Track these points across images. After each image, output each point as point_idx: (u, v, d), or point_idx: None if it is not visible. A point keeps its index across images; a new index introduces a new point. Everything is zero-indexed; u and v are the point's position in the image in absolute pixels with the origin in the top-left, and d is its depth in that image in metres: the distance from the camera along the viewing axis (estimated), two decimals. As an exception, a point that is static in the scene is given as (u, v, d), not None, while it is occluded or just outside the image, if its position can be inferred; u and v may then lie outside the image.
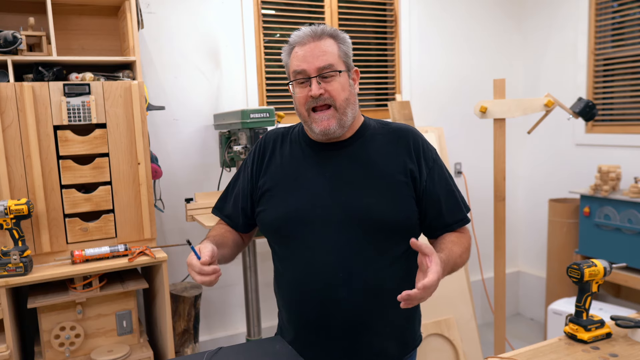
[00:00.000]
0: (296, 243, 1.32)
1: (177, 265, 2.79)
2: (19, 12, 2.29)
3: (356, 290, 1.28)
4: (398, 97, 3.29)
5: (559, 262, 3.34)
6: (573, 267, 1.41)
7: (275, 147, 1.42)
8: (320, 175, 1.33)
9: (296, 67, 1.29)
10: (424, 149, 1.37)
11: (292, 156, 1.38)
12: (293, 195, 1.33)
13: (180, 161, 2.80)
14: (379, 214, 1.29)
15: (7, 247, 1.97)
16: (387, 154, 1.34)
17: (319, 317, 1.31)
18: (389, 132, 1.39)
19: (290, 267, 1.35)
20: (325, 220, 1.29)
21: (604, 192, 2.98)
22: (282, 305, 1.42)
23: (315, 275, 1.29)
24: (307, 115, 1.30)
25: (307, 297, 1.31)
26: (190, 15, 2.77)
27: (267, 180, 1.38)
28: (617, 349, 1.33)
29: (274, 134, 1.45)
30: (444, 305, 2.79)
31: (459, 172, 3.64)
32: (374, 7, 3.32)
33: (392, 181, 1.31)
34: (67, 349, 2.13)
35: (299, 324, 1.36)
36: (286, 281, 1.37)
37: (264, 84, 2.99)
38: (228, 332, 3.00)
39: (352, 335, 1.30)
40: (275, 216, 1.34)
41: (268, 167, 1.39)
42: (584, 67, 3.39)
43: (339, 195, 1.30)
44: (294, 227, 1.31)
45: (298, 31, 1.32)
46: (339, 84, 1.29)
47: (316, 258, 1.29)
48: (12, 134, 2.01)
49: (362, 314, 1.30)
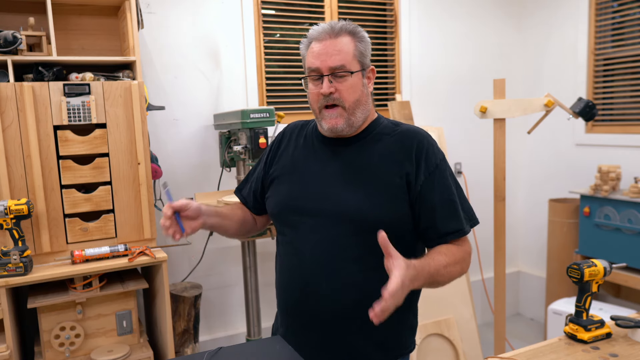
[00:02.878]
0: (290, 231, 1.37)
1: (177, 265, 2.79)
2: (19, 12, 2.29)
3: (336, 286, 1.29)
4: (398, 97, 3.29)
5: (559, 262, 3.34)
6: (573, 267, 1.41)
7: (292, 138, 1.47)
8: (322, 169, 1.36)
9: (310, 63, 1.30)
10: (427, 154, 1.32)
11: (303, 148, 1.42)
12: (293, 185, 1.38)
13: (180, 161, 2.80)
14: (369, 214, 1.27)
15: (7, 247, 1.97)
16: (388, 155, 1.32)
17: (299, 304, 1.35)
18: (397, 133, 1.35)
19: (284, 253, 1.41)
20: (316, 214, 1.32)
21: (604, 192, 2.98)
22: (277, 292, 1.47)
23: (302, 265, 1.33)
24: (319, 112, 1.33)
25: (291, 284, 1.37)
26: (190, 15, 2.77)
27: (278, 168, 1.44)
28: (617, 349, 1.33)
29: (295, 125, 1.50)
30: (444, 305, 2.79)
31: (459, 172, 3.64)
32: (374, 7, 3.32)
33: (386, 182, 1.29)
34: (67, 349, 2.13)
35: (283, 309, 1.42)
36: (279, 265, 1.44)
37: (264, 84, 2.99)
38: (228, 332, 3.00)
39: (327, 328, 1.32)
40: (276, 203, 1.40)
41: (281, 156, 1.45)
42: (584, 67, 3.39)
43: (332, 191, 1.32)
44: (290, 216, 1.36)
45: (317, 26, 1.32)
46: (350, 85, 1.28)
47: (305, 249, 1.33)
48: (12, 134, 2.01)
49: (339, 310, 1.30)
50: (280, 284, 1.43)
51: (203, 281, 2.84)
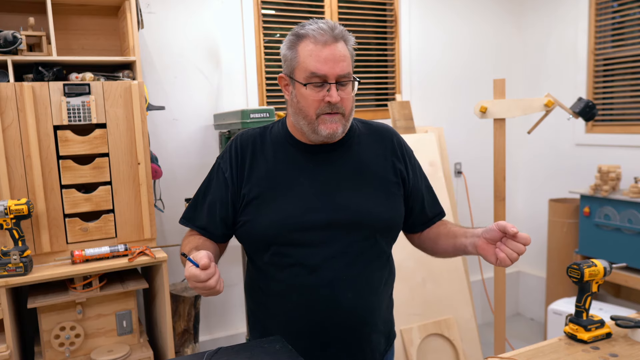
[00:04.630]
0: (296, 251, 1.26)
1: (177, 265, 2.79)
2: (19, 12, 2.29)
3: (359, 291, 1.29)
4: (398, 97, 3.29)
5: (559, 262, 3.34)
6: (573, 267, 1.41)
7: (255, 151, 1.32)
8: (313, 178, 1.29)
9: (315, 69, 1.21)
10: (405, 148, 1.41)
11: (279, 160, 1.31)
12: (287, 201, 1.27)
13: (180, 161, 2.80)
14: (379, 215, 1.29)
15: (7, 247, 1.97)
16: (375, 154, 1.35)
17: (323, 322, 1.28)
18: (372, 132, 1.39)
19: (287, 277, 1.28)
20: (326, 224, 1.26)
21: (604, 192, 2.98)
22: (276, 313, 1.33)
23: (320, 283, 1.26)
24: (315, 118, 1.24)
25: (311, 302, 1.27)
26: (190, 15, 2.77)
27: (253, 187, 1.29)
28: (617, 349, 1.33)
29: (249, 136, 1.35)
30: (444, 305, 2.79)
31: (459, 172, 3.64)
32: (374, 7, 3.32)
33: (385, 182, 1.33)
34: (67, 349, 2.13)
35: (300, 330, 1.30)
36: (284, 289, 1.29)
37: (264, 84, 2.99)
38: (228, 332, 3.00)
39: (354, 335, 1.31)
40: (268, 224, 1.26)
41: (251, 173, 1.30)
42: (584, 67, 3.39)
43: (337, 198, 1.28)
44: (292, 233, 1.25)
45: (312, 24, 1.23)
46: (351, 93, 1.27)
47: (319, 264, 1.26)
48: (12, 134, 2.01)
49: (363, 313, 1.31)
50: (294, 305, 1.29)
51: (203, 281, 2.84)
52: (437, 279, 2.80)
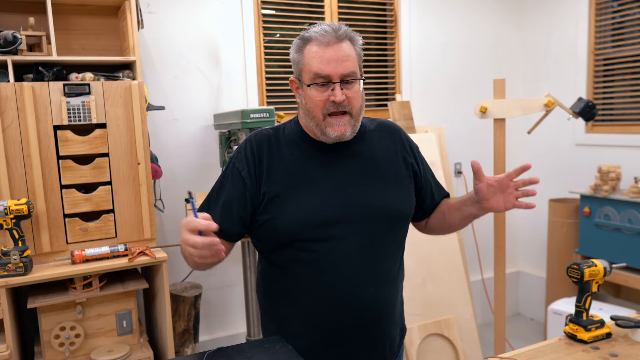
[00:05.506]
0: (319, 246, 1.28)
1: (177, 265, 2.79)
2: (19, 12, 2.29)
3: (381, 283, 1.33)
4: (398, 97, 3.29)
5: (559, 262, 3.34)
6: (573, 267, 1.41)
7: (272, 150, 1.34)
8: (330, 174, 1.32)
9: (319, 69, 1.24)
10: (411, 143, 1.47)
11: (296, 158, 1.33)
12: (307, 197, 1.29)
13: (180, 161, 2.80)
14: (398, 207, 1.36)
15: (7, 247, 1.97)
16: (387, 150, 1.40)
17: (345, 313, 1.29)
18: (380, 128, 1.44)
19: (311, 269, 1.29)
20: (347, 219, 1.28)
21: (604, 192, 2.98)
22: (297, 309, 1.34)
23: (342, 278, 1.28)
24: (322, 119, 1.27)
25: (333, 296, 1.29)
26: (190, 15, 2.77)
27: (273, 185, 1.30)
28: (617, 349, 1.33)
29: (263, 136, 1.36)
30: (444, 305, 2.79)
31: (459, 172, 3.64)
32: (374, 7, 3.32)
33: (398, 175, 1.39)
34: (67, 349, 2.13)
35: (322, 325, 1.31)
36: (306, 284, 1.31)
37: (264, 84, 2.99)
38: (228, 332, 3.00)
39: (375, 327, 1.34)
40: (292, 221, 1.27)
41: (270, 171, 1.31)
42: (584, 67, 3.39)
43: (355, 193, 1.31)
44: (315, 230, 1.27)
45: (317, 27, 1.27)
46: (358, 91, 1.28)
47: (341, 259, 1.28)
48: (12, 134, 2.01)
49: (384, 305, 1.34)
50: (317, 303, 1.30)
51: (203, 281, 2.84)
52: (437, 279, 2.80)
